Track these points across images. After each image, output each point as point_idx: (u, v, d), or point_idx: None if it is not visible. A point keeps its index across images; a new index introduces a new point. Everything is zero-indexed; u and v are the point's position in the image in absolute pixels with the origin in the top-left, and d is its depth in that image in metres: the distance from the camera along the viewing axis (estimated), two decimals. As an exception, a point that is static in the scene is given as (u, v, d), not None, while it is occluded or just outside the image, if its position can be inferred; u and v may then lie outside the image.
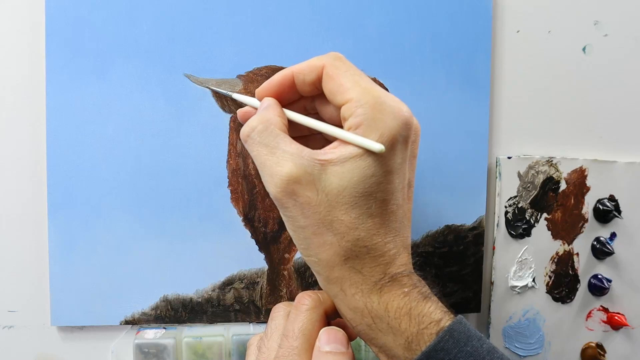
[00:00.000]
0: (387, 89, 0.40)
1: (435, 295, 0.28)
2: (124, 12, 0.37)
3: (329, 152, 0.26)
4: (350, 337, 0.29)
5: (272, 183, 0.26)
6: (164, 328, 0.39)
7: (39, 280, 0.38)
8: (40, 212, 0.38)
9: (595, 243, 0.44)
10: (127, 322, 0.38)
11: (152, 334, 0.38)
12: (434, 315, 0.26)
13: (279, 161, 0.26)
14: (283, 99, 0.30)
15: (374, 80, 0.40)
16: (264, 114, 0.28)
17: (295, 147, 0.26)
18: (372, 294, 0.27)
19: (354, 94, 0.26)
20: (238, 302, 0.39)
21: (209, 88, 0.37)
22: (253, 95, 0.33)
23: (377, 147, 0.25)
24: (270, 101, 0.30)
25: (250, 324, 0.40)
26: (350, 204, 0.26)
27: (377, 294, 0.27)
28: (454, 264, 0.42)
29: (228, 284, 0.39)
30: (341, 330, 0.28)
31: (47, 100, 0.37)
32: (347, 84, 0.27)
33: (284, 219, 0.28)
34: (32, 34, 0.37)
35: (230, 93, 0.35)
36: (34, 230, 0.38)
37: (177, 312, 0.39)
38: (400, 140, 0.26)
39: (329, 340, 0.27)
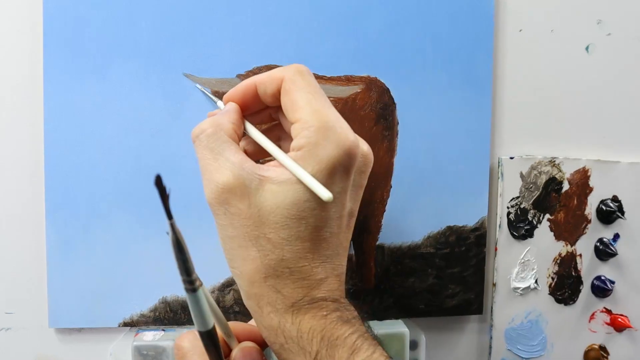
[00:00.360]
0: (388, 90, 0.40)
1: (364, 327, 0.27)
2: (123, 12, 0.36)
3: (270, 169, 0.26)
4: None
5: (209, 188, 0.26)
6: (163, 330, 0.39)
7: (36, 282, 0.38)
8: (38, 213, 0.38)
9: (598, 244, 0.44)
10: (125, 324, 0.38)
11: (150, 336, 0.38)
12: (348, 339, 0.25)
13: (219, 168, 0.26)
14: (248, 107, 0.30)
15: (373, 81, 0.39)
16: (217, 119, 0.28)
17: (239, 157, 0.26)
18: (286, 313, 0.26)
19: (303, 114, 0.26)
20: (238, 304, 0.39)
21: (198, 87, 0.37)
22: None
23: (325, 195, 0.24)
24: (230, 107, 0.30)
25: (250, 325, 0.40)
26: (281, 223, 0.26)
27: (291, 314, 0.26)
28: (455, 265, 0.41)
29: (228, 285, 0.39)
30: (253, 344, 0.29)
31: (45, 100, 0.36)
32: (300, 102, 0.26)
33: (216, 227, 0.28)
34: (30, 33, 0.37)
35: (215, 99, 0.35)
36: (31, 231, 0.38)
37: (176, 314, 0.39)
38: (340, 170, 0.26)
39: (244, 357, 0.28)
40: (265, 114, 0.31)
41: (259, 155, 0.31)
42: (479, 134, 0.41)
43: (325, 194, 0.25)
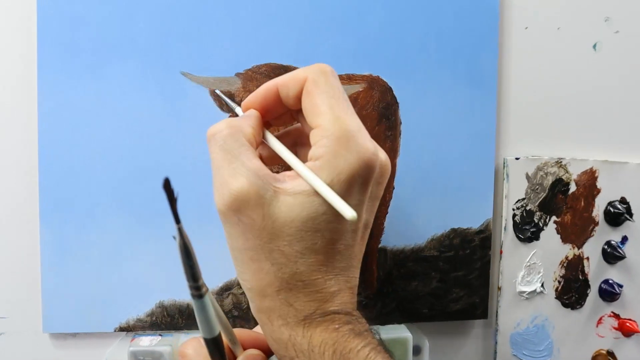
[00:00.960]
0: (390, 89, 0.39)
1: (376, 339, 0.27)
2: (119, 9, 0.36)
3: (286, 181, 0.25)
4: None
5: (220, 194, 0.25)
6: (160, 335, 0.38)
7: (30, 286, 0.38)
8: (32, 216, 0.37)
9: (606, 247, 0.43)
10: (121, 329, 0.38)
11: (147, 341, 0.38)
12: (361, 352, 0.25)
13: (234, 173, 0.25)
14: (269, 112, 0.29)
15: (375, 80, 0.39)
16: (236, 120, 0.27)
17: (256, 164, 0.25)
18: (297, 327, 0.26)
19: (324, 120, 0.25)
20: (237, 308, 0.39)
21: (216, 92, 0.36)
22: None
23: (349, 214, 0.24)
24: (251, 113, 0.29)
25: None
26: (295, 236, 0.25)
27: (302, 328, 0.26)
28: (460, 268, 0.41)
29: (226, 289, 0.39)
30: (258, 352, 0.28)
31: (39, 100, 0.36)
32: (321, 107, 0.26)
33: (225, 235, 0.27)
34: (23, 31, 0.36)
35: (233, 105, 0.33)
36: (25, 233, 0.37)
37: (173, 319, 0.38)
38: (359, 182, 0.25)
39: None
40: (287, 117, 0.31)
41: (273, 161, 0.30)
42: (483, 134, 0.40)
43: (349, 212, 0.24)
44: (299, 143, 0.31)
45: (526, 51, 0.42)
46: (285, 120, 0.31)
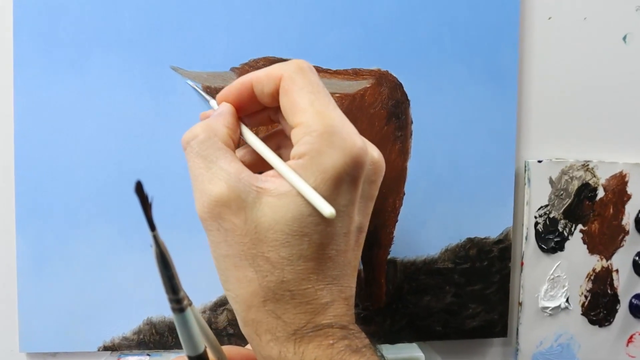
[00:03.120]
0: (400, 85, 0.38)
1: (377, 356, 0.26)
2: (103, -3, 0.35)
3: (268, 180, 0.25)
4: None
5: (200, 201, 0.25)
6: (148, 355, 0.37)
7: (5, 301, 0.37)
8: (7, 223, 0.36)
9: (637, 258, 0.42)
10: (106, 348, 0.37)
11: (134, 362, 0.37)
12: None
13: (212, 178, 0.25)
14: (244, 107, 0.29)
15: (384, 75, 0.38)
16: (210, 122, 0.27)
17: (235, 167, 0.25)
18: (288, 342, 0.25)
19: (305, 117, 0.25)
20: (232, 325, 0.37)
21: (189, 84, 0.36)
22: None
23: (327, 210, 0.23)
24: (224, 108, 0.28)
25: (246, 350, 0.38)
26: (281, 241, 0.24)
27: (293, 343, 0.25)
28: (476, 282, 0.40)
29: (221, 304, 0.37)
30: None
31: (15, 96, 0.35)
32: (301, 104, 0.25)
33: (208, 243, 0.26)
34: (-2, 21, 0.35)
35: (208, 98, 0.34)
36: (0, 244, 0.36)
37: (162, 337, 0.37)
38: (347, 180, 0.25)
39: None
40: (264, 115, 0.30)
41: (260, 166, 0.29)
42: (503, 135, 0.39)
43: (327, 209, 0.23)
44: (282, 146, 0.31)
45: (550, 43, 0.40)
46: (261, 120, 0.30)
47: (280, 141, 0.31)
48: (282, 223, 0.24)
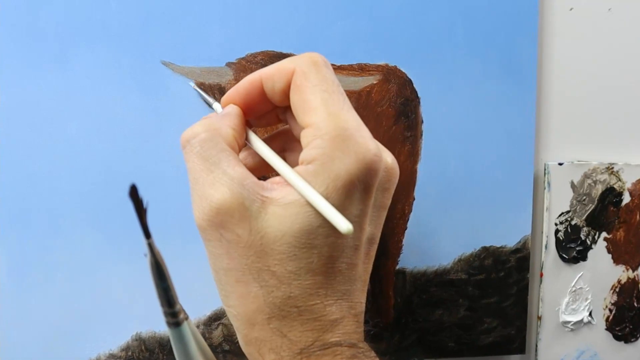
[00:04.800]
0: (410, 81, 0.37)
1: None
2: (89, -12, 0.34)
3: (274, 188, 0.24)
4: None
5: (199, 207, 0.24)
6: None
7: None
8: None
9: None
10: None
11: (121, 381, 0.36)
12: None
13: (214, 183, 0.24)
14: (252, 109, 0.28)
15: (392, 70, 0.36)
16: (213, 122, 0.26)
17: (239, 171, 0.24)
18: None
19: (316, 117, 0.24)
20: (228, 341, 0.37)
21: (191, 85, 0.35)
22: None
23: (344, 226, 0.22)
24: (231, 109, 0.28)
25: (243, 368, 0.38)
26: (287, 254, 0.24)
27: None
28: (492, 294, 0.39)
29: (215, 318, 0.36)
30: None
31: None
32: (313, 102, 0.25)
33: (207, 254, 0.26)
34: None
35: (211, 100, 0.32)
36: None
37: (152, 354, 0.36)
38: (359, 188, 0.24)
39: None
40: (272, 115, 0.30)
41: (262, 170, 0.29)
42: (520, 135, 0.38)
43: (343, 224, 0.22)
44: (287, 148, 0.30)
45: (571, 37, 0.39)
46: (269, 120, 0.30)
47: (285, 143, 0.30)
48: (290, 235, 0.23)
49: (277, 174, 0.26)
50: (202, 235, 0.25)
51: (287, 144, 0.30)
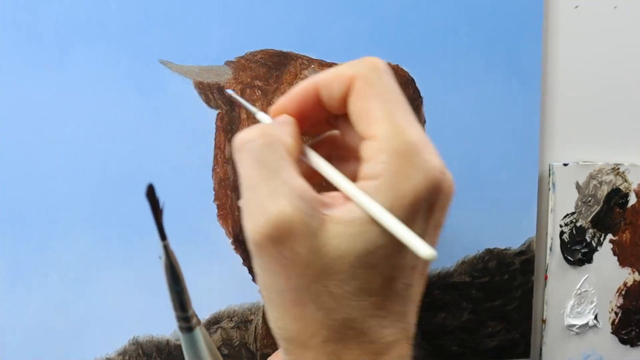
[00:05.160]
0: (412, 80, 0.36)
1: None
2: (87, -13, 0.34)
3: (336, 206, 0.23)
4: None
5: (255, 219, 0.22)
6: None
7: None
8: None
9: None
10: None
11: (118, 386, 0.35)
12: None
13: (273, 193, 0.22)
14: (306, 119, 0.27)
15: (394, 69, 0.36)
16: (272, 129, 0.25)
17: (300, 183, 0.23)
18: None
19: (381, 129, 0.23)
20: (227, 346, 0.37)
21: (228, 93, 0.33)
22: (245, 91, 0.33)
23: (426, 253, 0.21)
24: (287, 119, 0.26)
25: (242, 372, 0.37)
26: (348, 274, 0.22)
27: None
28: (496, 297, 0.39)
29: (214, 322, 0.36)
30: None
31: None
32: (377, 113, 0.23)
33: (257, 270, 0.24)
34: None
35: (255, 110, 0.29)
36: None
37: (150, 358, 0.36)
38: (424, 207, 0.23)
39: None
40: (323, 123, 0.29)
41: (311, 179, 0.28)
42: (525, 135, 0.38)
43: (425, 250, 0.21)
44: (334, 156, 0.29)
45: (577, 34, 0.39)
46: (320, 128, 0.29)
47: (332, 150, 0.29)
48: (352, 255, 0.22)
49: (328, 184, 0.25)
50: (255, 250, 0.23)
51: (334, 151, 0.29)
